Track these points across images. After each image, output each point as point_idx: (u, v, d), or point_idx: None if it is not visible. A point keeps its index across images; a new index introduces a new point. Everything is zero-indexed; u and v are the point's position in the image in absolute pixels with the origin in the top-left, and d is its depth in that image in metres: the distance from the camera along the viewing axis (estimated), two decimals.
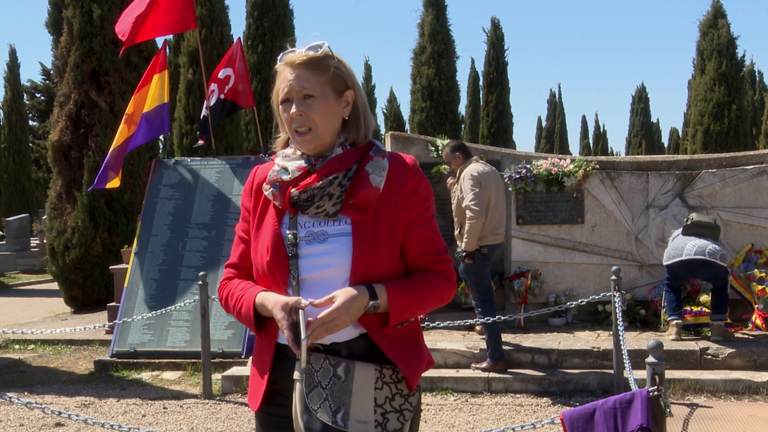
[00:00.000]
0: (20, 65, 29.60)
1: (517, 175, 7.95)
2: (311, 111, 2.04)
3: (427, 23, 24.02)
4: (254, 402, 2.12)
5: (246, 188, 2.21)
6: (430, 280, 2.10)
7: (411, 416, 2.04)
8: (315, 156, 2.09)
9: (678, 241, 6.95)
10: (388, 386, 2.02)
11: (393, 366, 2.04)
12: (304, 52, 2.06)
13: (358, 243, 2.02)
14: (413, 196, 2.10)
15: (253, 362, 2.20)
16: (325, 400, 1.95)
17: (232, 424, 5.75)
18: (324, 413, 1.94)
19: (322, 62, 2.05)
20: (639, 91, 48.70)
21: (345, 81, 2.09)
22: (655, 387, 3.52)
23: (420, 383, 2.16)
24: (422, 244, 2.11)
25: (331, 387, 1.96)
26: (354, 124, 2.11)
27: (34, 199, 28.87)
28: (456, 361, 6.77)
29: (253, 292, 2.08)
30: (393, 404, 2.01)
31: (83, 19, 11.81)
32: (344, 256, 2.02)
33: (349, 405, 1.96)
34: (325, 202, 2.04)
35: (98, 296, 11.76)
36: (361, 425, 1.95)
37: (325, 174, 2.04)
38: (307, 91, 2.04)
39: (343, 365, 1.99)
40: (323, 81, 2.05)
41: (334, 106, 2.07)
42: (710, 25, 22.32)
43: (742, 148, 20.06)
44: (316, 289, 2.02)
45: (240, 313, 2.10)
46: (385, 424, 1.98)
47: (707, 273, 6.80)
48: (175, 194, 8.58)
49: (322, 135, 2.06)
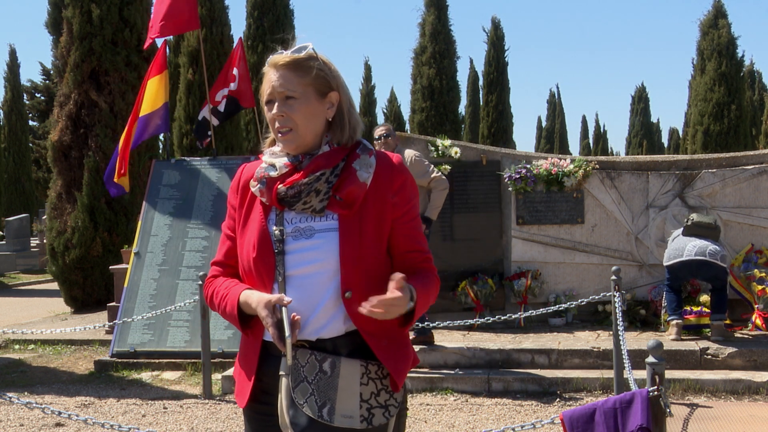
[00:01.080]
0: (20, 65, 29.61)
1: (517, 175, 7.95)
2: (292, 111, 2.07)
3: (429, 23, 24.03)
4: (241, 399, 2.14)
5: (233, 186, 2.24)
6: (429, 279, 2.14)
7: (396, 412, 2.06)
8: (302, 154, 2.11)
9: (678, 241, 6.95)
10: (374, 382, 2.04)
11: (378, 362, 2.06)
12: (288, 54, 2.10)
13: (344, 238, 2.05)
14: (400, 193, 2.13)
15: (239, 360, 2.21)
16: (311, 395, 1.97)
17: (232, 424, 5.75)
18: (310, 408, 1.96)
19: (305, 63, 2.09)
20: (639, 91, 48.68)
21: (329, 82, 2.12)
22: (655, 387, 3.52)
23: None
24: (409, 241, 2.15)
25: (317, 382, 1.98)
26: (339, 125, 2.14)
27: (34, 199, 28.87)
28: (456, 361, 6.77)
29: (237, 290, 2.09)
30: (378, 399, 2.03)
31: (83, 19, 11.80)
32: (331, 251, 2.04)
33: (335, 400, 1.98)
34: (312, 198, 2.06)
35: (98, 296, 11.75)
36: (346, 420, 1.97)
37: (312, 170, 2.07)
38: (288, 93, 2.07)
39: (329, 361, 2.00)
40: (305, 82, 2.08)
41: (317, 106, 2.10)
42: (711, 25, 22.32)
43: (742, 148, 20.06)
44: (301, 284, 2.03)
45: (225, 312, 2.11)
46: (370, 419, 2.00)
47: (707, 273, 6.80)
48: (175, 194, 8.59)
49: (304, 135, 2.09)
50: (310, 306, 2.03)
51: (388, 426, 2.05)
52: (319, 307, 2.03)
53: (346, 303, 2.03)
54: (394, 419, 2.06)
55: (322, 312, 2.03)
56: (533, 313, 6.82)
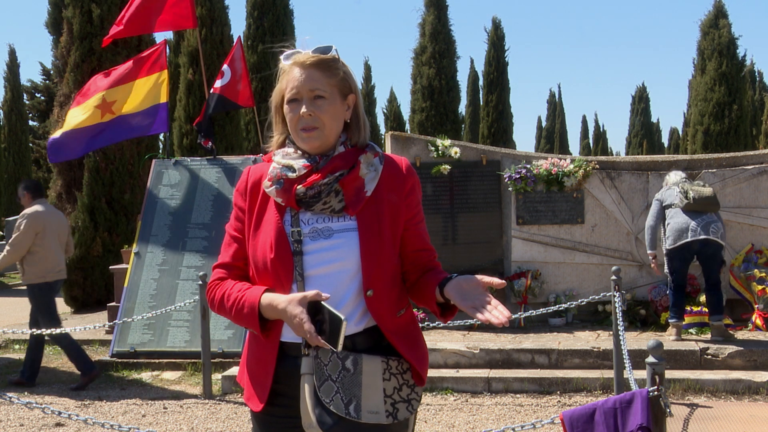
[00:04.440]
0: (20, 65, 29.57)
1: (517, 175, 7.95)
2: (321, 111, 2.08)
3: (429, 23, 24.01)
4: (256, 403, 2.11)
5: (239, 188, 2.21)
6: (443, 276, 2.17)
7: (418, 405, 2.10)
8: (318, 155, 2.12)
9: (679, 219, 6.72)
10: (395, 377, 2.07)
11: (398, 357, 2.09)
12: (312, 53, 2.10)
13: (365, 238, 2.07)
14: (411, 194, 2.18)
15: (248, 363, 2.18)
16: (336, 393, 1.98)
17: (232, 424, 5.75)
18: (336, 406, 1.97)
19: (332, 65, 2.11)
20: (639, 91, 48.61)
21: (349, 85, 2.15)
22: (655, 387, 3.52)
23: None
24: (420, 240, 2.20)
25: (341, 380, 2.00)
26: (355, 126, 2.17)
27: None
28: (456, 361, 6.77)
29: (256, 292, 2.06)
30: (401, 394, 2.06)
31: (83, 19, 11.81)
32: (351, 251, 2.06)
33: (360, 396, 2.00)
34: (331, 198, 2.08)
35: (98, 296, 11.76)
36: (373, 416, 2.00)
37: (331, 171, 2.09)
38: (318, 92, 2.08)
39: (351, 358, 2.02)
40: (332, 83, 2.10)
41: (340, 108, 2.12)
42: (711, 25, 22.27)
43: (742, 148, 20.04)
44: (321, 284, 2.03)
45: (241, 314, 2.06)
46: (395, 414, 2.03)
47: (708, 251, 6.65)
48: (175, 194, 8.59)
49: (328, 135, 2.11)
50: (330, 305, 2.02)
51: (411, 420, 2.10)
52: (339, 306, 2.03)
53: (368, 301, 2.06)
54: (416, 413, 2.11)
55: (342, 311, 2.03)
56: (533, 313, 6.82)
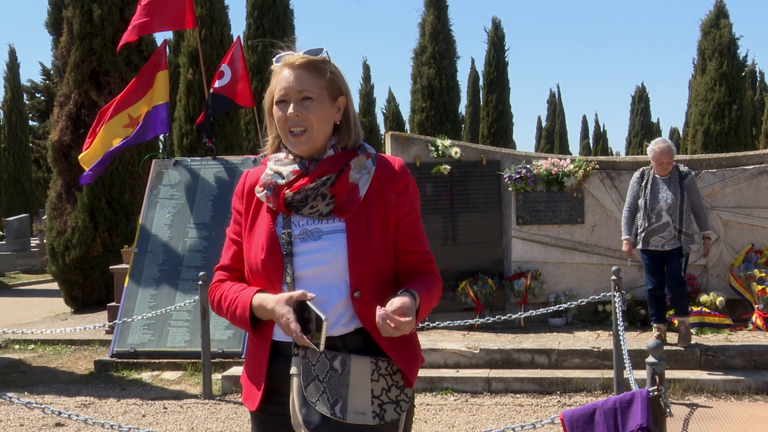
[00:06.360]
0: (20, 65, 29.61)
1: (517, 175, 7.95)
2: (308, 112, 2.09)
3: (428, 23, 24.02)
4: (252, 402, 2.14)
5: (237, 192, 2.26)
6: (431, 281, 2.17)
7: (407, 407, 2.09)
8: (308, 159, 2.13)
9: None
10: (384, 378, 2.06)
11: (388, 358, 2.09)
12: (302, 55, 2.12)
13: (352, 239, 2.08)
14: (404, 193, 2.18)
15: (246, 363, 2.22)
16: (323, 393, 1.99)
17: (232, 424, 5.75)
18: (322, 406, 1.98)
19: (321, 66, 2.12)
20: (639, 91, 48.61)
21: (339, 87, 2.15)
22: (655, 387, 3.52)
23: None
24: (412, 241, 2.18)
25: (328, 380, 2.00)
26: (345, 129, 2.18)
27: (34, 199, 28.87)
28: (456, 361, 6.77)
29: (248, 293, 2.10)
30: (389, 395, 2.06)
31: (83, 19, 11.81)
32: (339, 252, 2.07)
33: (347, 397, 2.00)
34: (318, 202, 2.09)
35: (98, 296, 11.76)
36: (359, 416, 2.00)
37: (318, 175, 2.10)
38: (306, 93, 2.09)
39: (339, 358, 2.03)
40: (321, 84, 2.11)
41: (329, 109, 2.13)
42: (712, 25, 22.26)
43: (742, 148, 20.04)
44: (311, 285, 2.06)
45: (234, 315, 2.11)
46: (382, 415, 2.03)
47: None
48: (175, 194, 8.59)
49: (317, 137, 2.11)
50: (318, 305, 2.04)
51: (399, 421, 2.08)
52: (328, 307, 2.05)
53: (354, 302, 2.06)
54: (405, 415, 2.10)
55: (331, 311, 2.05)
56: (533, 313, 6.82)
